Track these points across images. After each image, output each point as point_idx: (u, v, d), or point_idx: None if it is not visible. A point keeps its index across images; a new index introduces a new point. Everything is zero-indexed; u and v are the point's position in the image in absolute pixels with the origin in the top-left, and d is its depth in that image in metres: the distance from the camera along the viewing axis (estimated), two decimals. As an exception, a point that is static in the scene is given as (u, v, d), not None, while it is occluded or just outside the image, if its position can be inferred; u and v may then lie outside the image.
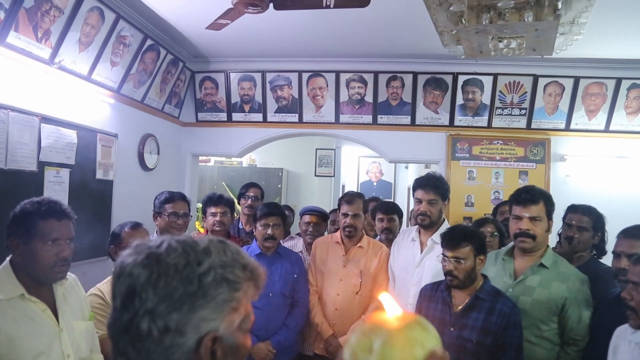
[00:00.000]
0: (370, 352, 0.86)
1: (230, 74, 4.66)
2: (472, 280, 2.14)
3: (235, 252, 0.80)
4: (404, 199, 7.87)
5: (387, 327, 0.90)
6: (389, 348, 0.87)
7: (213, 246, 0.78)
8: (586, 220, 2.64)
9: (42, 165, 2.85)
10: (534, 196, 2.30)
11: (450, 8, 2.20)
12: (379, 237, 3.47)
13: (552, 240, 3.39)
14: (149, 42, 3.71)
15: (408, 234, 2.89)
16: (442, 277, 2.25)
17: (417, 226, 2.83)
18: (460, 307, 2.15)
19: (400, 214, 3.56)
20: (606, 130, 4.42)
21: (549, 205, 2.33)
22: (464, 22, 2.29)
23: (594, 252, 2.71)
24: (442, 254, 2.19)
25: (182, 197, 2.89)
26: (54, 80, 2.95)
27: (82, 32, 3.03)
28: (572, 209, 2.73)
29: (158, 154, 4.28)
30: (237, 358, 0.78)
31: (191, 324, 0.73)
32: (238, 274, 0.77)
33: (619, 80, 4.26)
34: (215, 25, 3.04)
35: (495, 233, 3.17)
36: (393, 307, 0.92)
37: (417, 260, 2.73)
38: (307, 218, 3.45)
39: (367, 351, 0.87)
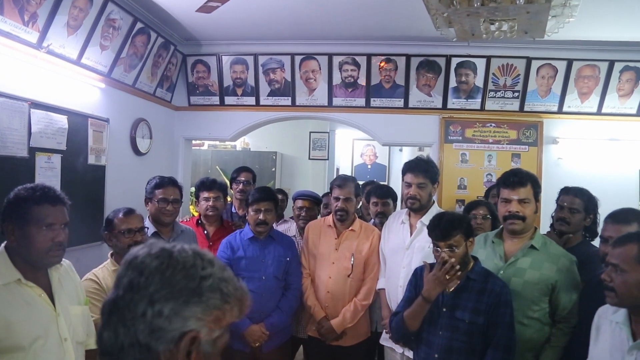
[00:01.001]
0: None
1: (222, 57, 4.62)
2: (465, 263, 2.17)
3: (233, 274, 0.90)
4: (398, 182, 7.85)
5: None
6: None
7: (217, 262, 0.88)
8: (578, 202, 2.67)
9: (33, 151, 2.83)
10: (522, 179, 2.34)
11: (442, -10, 2.19)
12: (373, 220, 3.49)
13: (544, 223, 3.43)
14: (139, 25, 3.67)
15: (398, 217, 2.91)
16: (431, 259, 2.27)
17: (407, 209, 2.85)
18: (453, 288, 2.18)
19: (394, 197, 3.57)
20: (598, 112, 4.44)
21: (536, 186, 2.38)
22: (455, 4, 2.29)
23: (587, 235, 2.74)
24: (433, 244, 2.21)
25: (172, 183, 2.87)
26: (43, 64, 2.92)
27: (70, 15, 2.99)
28: (565, 191, 2.76)
29: (150, 138, 4.26)
30: None
31: (181, 315, 0.80)
32: (231, 291, 0.86)
33: (611, 63, 4.26)
34: (206, 8, 3.01)
35: (488, 215, 3.19)
36: None
37: (407, 242, 2.76)
38: (299, 203, 3.46)
39: None
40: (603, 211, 2.57)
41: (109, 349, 0.81)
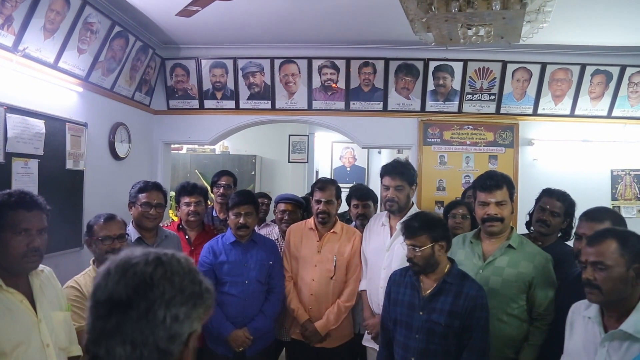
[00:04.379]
0: None
1: (202, 60, 4.60)
2: (432, 266, 2.18)
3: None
4: (377, 184, 7.90)
5: None
6: None
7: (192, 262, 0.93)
8: (559, 205, 2.71)
9: (9, 156, 2.78)
10: (498, 182, 2.39)
11: (420, -4, 2.23)
12: (354, 223, 3.51)
13: (520, 223, 3.51)
14: (117, 28, 3.63)
15: (379, 219, 2.95)
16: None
17: (386, 211, 2.89)
18: (429, 291, 2.21)
19: (375, 199, 3.61)
20: (571, 115, 4.56)
21: (511, 188, 2.45)
22: (433, 10, 2.33)
23: (561, 235, 2.80)
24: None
25: (156, 187, 2.85)
26: (19, 68, 2.86)
27: (47, 18, 2.94)
28: (548, 193, 2.79)
29: (129, 142, 4.21)
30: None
31: (191, 318, 0.86)
32: (210, 288, 0.93)
33: (583, 67, 4.39)
34: (185, 12, 3.00)
35: (467, 215, 3.25)
36: None
37: (387, 244, 2.80)
38: (282, 206, 3.47)
39: None
40: (577, 210, 2.65)
41: None
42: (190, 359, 0.89)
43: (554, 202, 2.73)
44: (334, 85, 4.55)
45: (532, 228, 2.86)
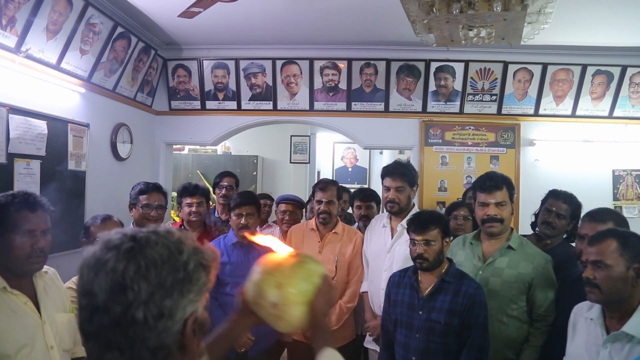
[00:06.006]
0: (277, 287, 1.13)
1: (204, 61, 4.61)
2: (440, 262, 2.21)
3: (193, 238, 0.87)
4: (379, 185, 7.90)
5: (286, 264, 1.17)
6: (294, 280, 1.13)
7: (180, 233, 0.85)
8: (565, 207, 2.69)
9: (11, 157, 2.79)
10: (497, 182, 2.39)
11: (422, -2, 2.24)
12: (357, 224, 3.52)
13: (522, 224, 3.50)
14: (119, 29, 3.64)
15: (380, 221, 2.96)
16: (412, 262, 2.31)
17: (388, 213, 2.89)
18: (428, 290, 2.21)
19: (378, 201, 3.61)
20: (573, 115, 4.56)
21: (511, 189, 2.44)
22: (435, 11, 2.34)
23: (566, 236, 2.79)
24: (411, 238, 2.25)
25: (157, 189, 2.86)
26: (21, 69, 2.88)
27: (50, 19, 2.96)
28: (554, 195, 2.76)
29: (131, 143, 4.22)
30: (204, 333, 0.86)
31: (180, 307, 0.79)
32: (207, 258, 0.85)
33: (584, 67, 4.39)
34: (187, 13, 3.01)
35: (469, 216, 3.25)
36: (282, 247, 1.23)
37: (388, 246, 2.80)
38: (283, 207, 3.48)
39: (273, 287, 1.13)
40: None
41: None
42: (196, 342, 0.82)
43: (560, 204, 2.70)
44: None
45: (537, 229, 2.84)
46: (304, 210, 3.76)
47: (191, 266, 0.80)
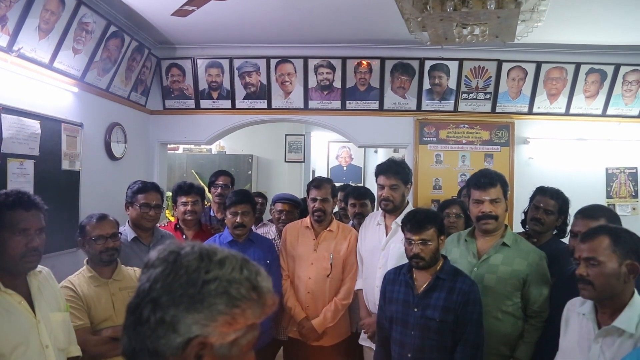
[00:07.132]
0: None
1: (197, 60, 4.59)
2: (436, 260, 2.23)
3: (254, 272, 0.84)
4: (374, 183, 7.91)
5: None
6: None
7: (230, 261, 0.82)
8: (553, 203, 2.73)
9: (4, 157, 2.77)
10: (492, 179, 2.41)
11: (415, -4, 2.24)
12: (351, 222, 3.52)
13: (516, 221, 3.52)
14: (112, 28, 3.62)
15: (374, 218, 2.96)
16: (406, 260, 2.32)
17: (382, 210, 2.90)
18: (423, 288, 2.23)
19: (372, 198, 3.62)
20: (566, 113, 4.57)
21: (505, 186, 2.47)
22: (429, 9, 2.34)
23: (556, 232, 2.82)
24: (406, 238, 2.25)
25: (155, 188, 2.85)
26: (14, 68, 2.85)
27: (42, 18, 2.94)
28: (541, 192, 2.81)
29: (125, 143, 4.20)
30: None
31: (184, 323, 0.77)
32: (242, 293, 0.81)
33: (578, 65, 4.40)
34: (181, 12, 2.99)
35: (461, 214, 3.26)
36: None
37: (383, 243, 2.80)
38: (279, 206, 3.48)
39: None
40: (572, 208, 2.66)
41: (125, 352, 0.82)
42: None
43: (547, 200, 2.75)
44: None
45: (527, 226, 2.87)
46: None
47: (210, 288, 0.78)
